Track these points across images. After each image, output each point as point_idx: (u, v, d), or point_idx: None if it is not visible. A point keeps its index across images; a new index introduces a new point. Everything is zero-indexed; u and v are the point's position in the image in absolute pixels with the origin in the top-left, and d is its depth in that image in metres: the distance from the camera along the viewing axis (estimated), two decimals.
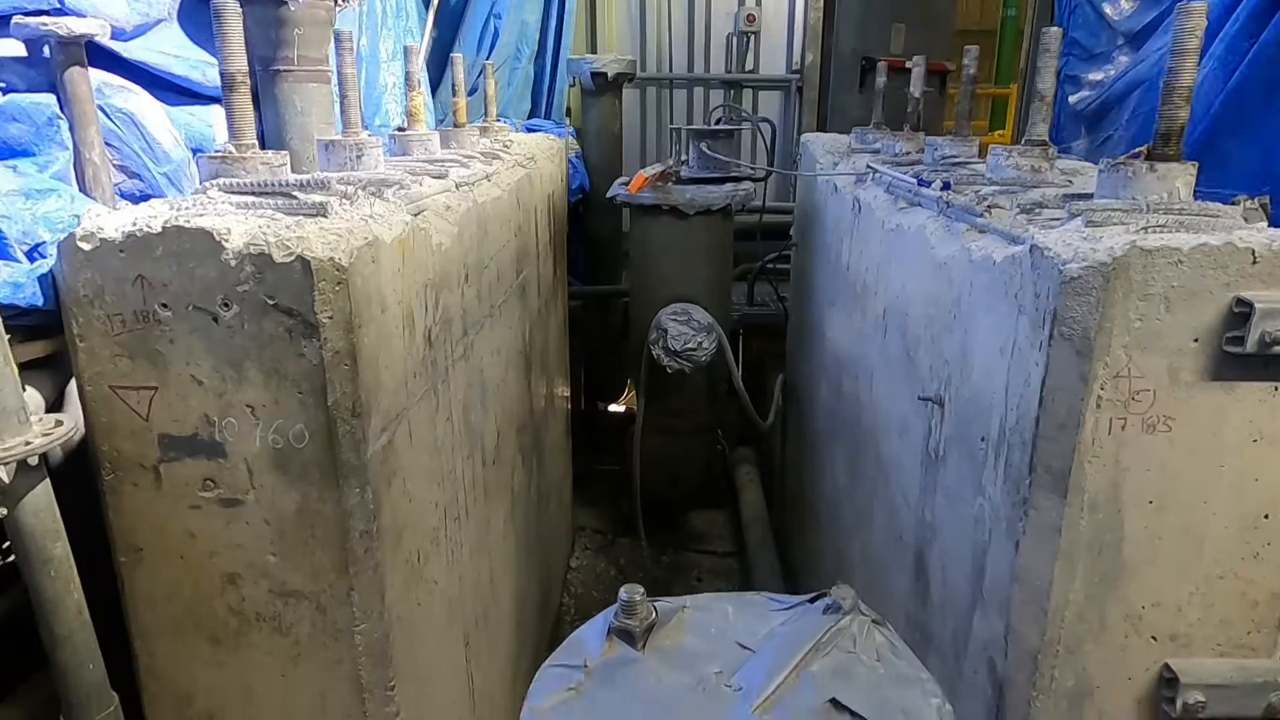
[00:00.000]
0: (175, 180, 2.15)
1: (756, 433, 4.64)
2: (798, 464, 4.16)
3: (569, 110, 5.59)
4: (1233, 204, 1.57)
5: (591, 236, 5.31)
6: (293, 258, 1.32)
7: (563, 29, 5.14)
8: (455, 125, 3.16)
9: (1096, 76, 5.39)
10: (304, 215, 1.47)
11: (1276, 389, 1.36)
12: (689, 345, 3.78)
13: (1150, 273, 1.31)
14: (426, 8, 4.51)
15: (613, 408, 6.31)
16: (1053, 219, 1.70)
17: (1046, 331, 1.40)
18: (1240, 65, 3.36)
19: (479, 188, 2.47)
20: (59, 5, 1.93)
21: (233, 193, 1.55)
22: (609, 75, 4.91)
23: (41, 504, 1.25)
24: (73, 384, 1.52)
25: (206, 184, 1.58)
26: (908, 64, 6.70)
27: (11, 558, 1.33)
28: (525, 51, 5.16)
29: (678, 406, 4.34)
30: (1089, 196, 1.72)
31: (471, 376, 2.28)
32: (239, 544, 1.47)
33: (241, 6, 2.43)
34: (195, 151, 2.29)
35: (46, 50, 1.90)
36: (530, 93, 5.22)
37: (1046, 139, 2.14)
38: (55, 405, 1.55)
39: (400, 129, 2.80)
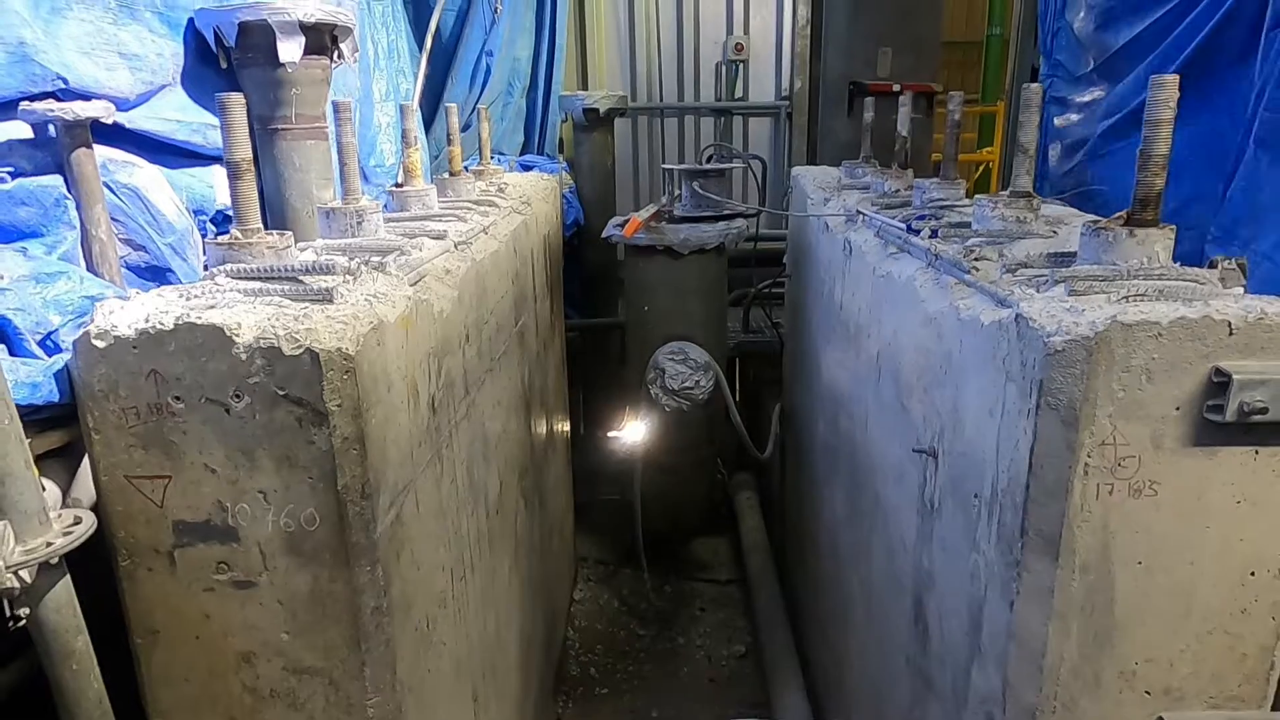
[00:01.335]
0: (179, 249, 2.19)
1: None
2: (797, 491, 4.20)
3: (561, 142, 5.66)
4: (1210, 266, 1.62)
5: (587, 268, 5.36)
6: (301, 350, 1.37)
7: (554, 64, 5.22)
8: (450, 173, 3.21)
9: (1082, 99, 5.46)
10: (310, 301, 1.52)
11: (1257, 453, 1.41)
12: (686, 384, 3.83)
13: (1131, 346, 1.36)
14: (420, 48, 4.57)
15: (612, 433, 6.34)
16: (1038, 276, 1.75)
17: (1033, 400, 1.44)
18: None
19: (477, 243, 2.52)
20: (64, 85, 1.98)
21: (240, 278, 1.60)
22: (600, 111, 4.98)
23: (63, 600, 1.29)
24: (85, 466, 1.55)
25: (214, 270, 1.63)
26: (895, 88, 6.78)
27: (22, 622, 1.36)
28: (517, 86, 5.23)
29: (677, 441, 4.38)
30: (1072, 256, 1.78)
31: (474, 433, 2.32)
32: (253, 624, 1.51)
33: (240, 69, 2.49)
34: (197, 213, 2.33)
35: (52, 130, 1.94)
36: (523, 126, 5.30)
37: (1031, 190, 2.20)
38: (68, 489, 1.58)
39: (398, 184, 2.85)
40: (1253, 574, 1.47)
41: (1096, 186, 3.80)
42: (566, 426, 4.64)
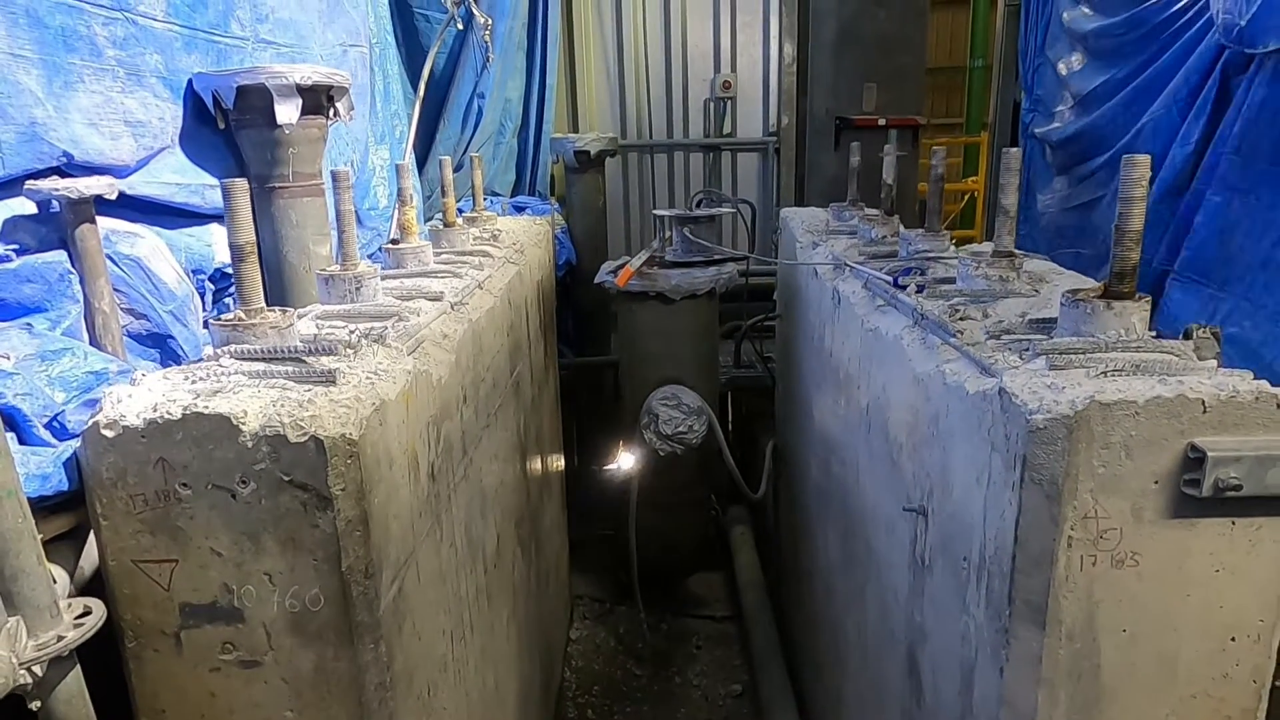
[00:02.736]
0: (180, 316, 2.22)
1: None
2: (791, 529, 4.23)
3: (553, 178, 5.73)
4: (1185, 335, 1.68)
5: (580, 306, 5.42)
6: (306, 437, 1.40)
7: (544, 104, 5.30)
8: (445, 224, 3.26)
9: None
10: (314, 383, 1.56)
11: (1234, 524, 1.46)
12: (680, 429, 3.88)
13: (1110, 424, 1.41)
14: (413, 90, 4.65)
15: (608, 466, 6.36)
16: (1020, 342, 1.81)
17: (1018, 474, 1.49)
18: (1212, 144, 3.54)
19: (473, 300, 2.56)
20: (68, 158, 2.01)
21: (244, 359, 1.64)
22: (591, 153, 5.06)
23: (73, 691, 1.31)
24: (91, 543, 1.58)
25: (219, 350, 1.66)
26: (880, 121, 6.87)
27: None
28: (509, 126, 5.32)
29: (671, 481, 4.42)
30: (1053, 322, 1.83)
31: (472, 491, 2.35)
32: (258, 703, 1.53)
33: (238, 130, 2.54)
34: (196, 272, 2.37)
35: (55, 204, 1.98)
36: (515, 165, 5.38)
37: (1013, 250, 2.26)
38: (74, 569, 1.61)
39: (394, 241, 2.90)
40: (1233, 639, 1.52)
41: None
42: (561, 464, 4.66)
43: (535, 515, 3.56)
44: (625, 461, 4.37)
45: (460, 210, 3.89)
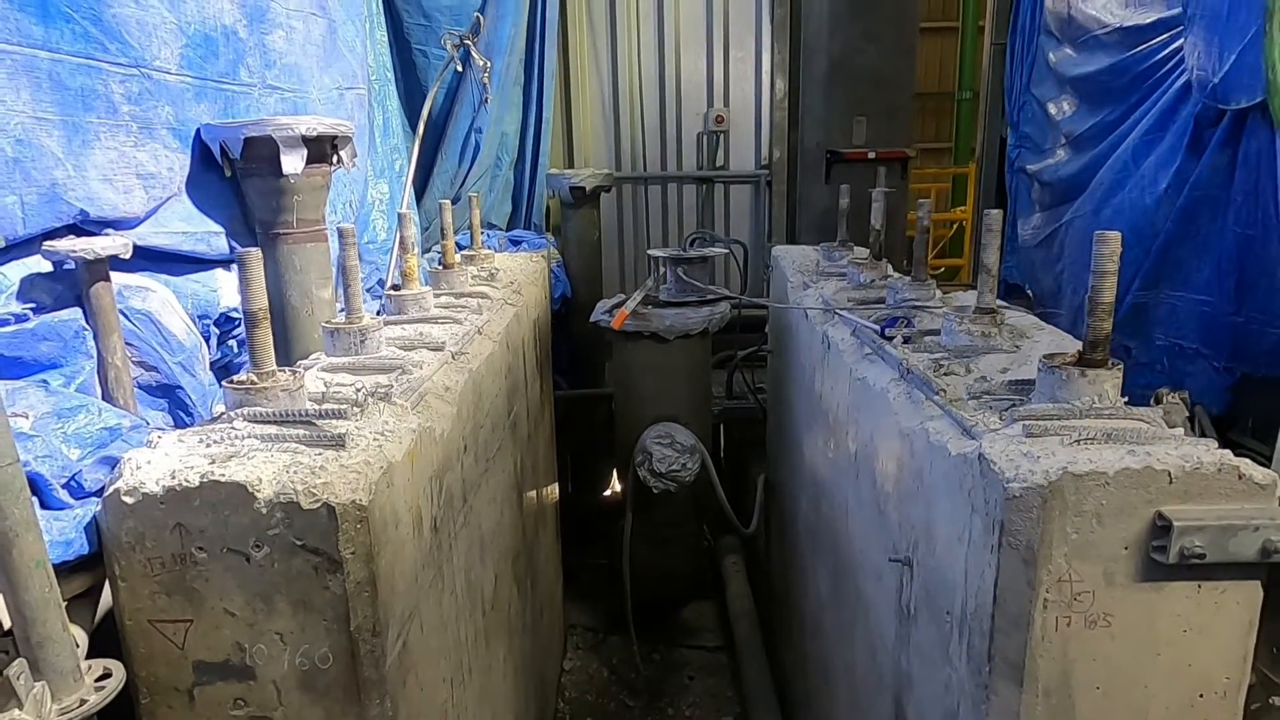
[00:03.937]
0: (188, 367, 2.29)
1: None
2: (783, 562, 4.29)
3: (548, 209, 5.83)
4: (1155, 401, 1.77)
5: (575, 338, 5.49)
6: (319, 504, 1.47)
7: (540, 137, 5.41)
8: (444, 265, 3.34)
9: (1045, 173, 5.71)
10: (324, 447, 1.62)
11: (1200, 587, 1.54)
12: (674, 467, 3.95)
13: (1082, 494, 1.49)
14: (412, 126, 4.74)
15: (604, 494, 6.41)
16: (1000, 403, 1.89)
17: (996, 537, 1.56)
18: (1185, 187, 3.65)
19: (473, 348, 2.63)
20: (84, 215, 2.08)
21: (256, 422, 1.70)
22: (587, 189, 5.16)
23: None
24: (105, 598, 1.64)
25: (233, 413, 1.73)
26: (870, 155, 7.00)
27: None
28: (505, 159, 5.42)
29: (664, 516, 4.48)
30: (1031, 384, 1.92)
31: (471, 537, 2.41)
32: None
33: (244, 178, 2.62)
34: (201, 317, 2.43)
35: (70, 261, 2.04)
36: (511, 197, 5.47)
37: (994, 306, 2.35)
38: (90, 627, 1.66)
39: (395, 287, 2.97)
40: (1201, 696, 1.59)
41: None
42: (556, 495, 4.72)
43: (531, 550, 3.61)
44: (620, 494, 4.43)
45: (459, 246, 3.96)
